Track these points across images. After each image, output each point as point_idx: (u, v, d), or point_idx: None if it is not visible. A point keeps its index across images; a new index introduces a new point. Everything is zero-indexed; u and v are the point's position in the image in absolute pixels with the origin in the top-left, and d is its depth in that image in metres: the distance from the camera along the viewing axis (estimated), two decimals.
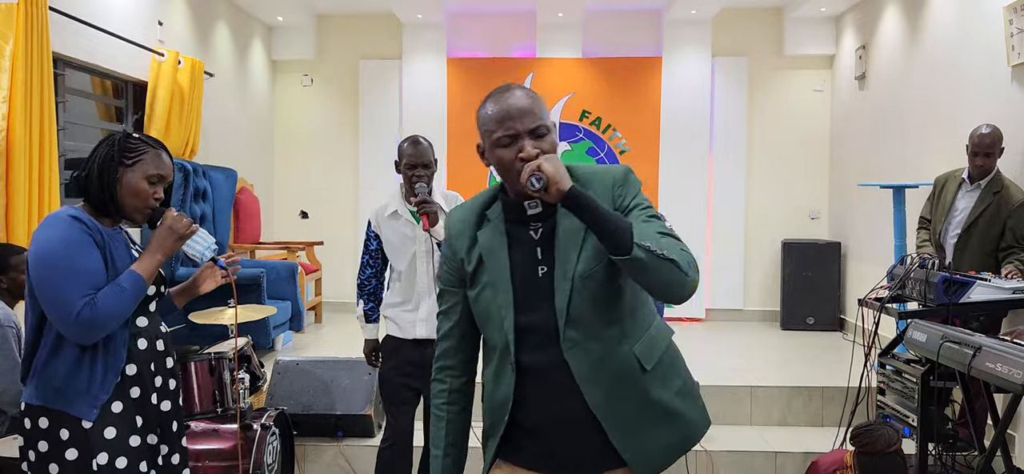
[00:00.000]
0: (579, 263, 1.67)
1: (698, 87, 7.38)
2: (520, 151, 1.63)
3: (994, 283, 3.55)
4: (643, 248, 1.55)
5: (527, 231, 1.73)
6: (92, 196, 2.11)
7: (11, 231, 3.87)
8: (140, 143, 2.14)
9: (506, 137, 1.65)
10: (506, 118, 1.65)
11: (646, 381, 1.73)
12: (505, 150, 1.66)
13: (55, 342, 2.05)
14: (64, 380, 2.04)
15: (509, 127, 1.64)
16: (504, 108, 1.65)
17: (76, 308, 1.97)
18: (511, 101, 1.66)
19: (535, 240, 1.72)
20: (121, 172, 2.10)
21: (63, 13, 4.42)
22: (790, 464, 4.34)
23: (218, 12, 6.66)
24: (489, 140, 1.69)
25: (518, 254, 1.73)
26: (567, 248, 1.69)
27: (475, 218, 1.78)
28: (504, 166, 1.67)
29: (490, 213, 1.77)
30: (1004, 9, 4.43)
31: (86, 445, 2.05)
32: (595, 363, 1.69)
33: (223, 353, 3.40)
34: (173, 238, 2.17)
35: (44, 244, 2.01)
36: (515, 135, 1.64)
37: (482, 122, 1.70)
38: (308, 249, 7.20)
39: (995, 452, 3.18)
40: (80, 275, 2.00)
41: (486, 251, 1.74)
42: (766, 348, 6.30)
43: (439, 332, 1.88)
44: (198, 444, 3.30)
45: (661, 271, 1.57)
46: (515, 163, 1.64)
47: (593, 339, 1.69)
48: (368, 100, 7.71)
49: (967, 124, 4.37)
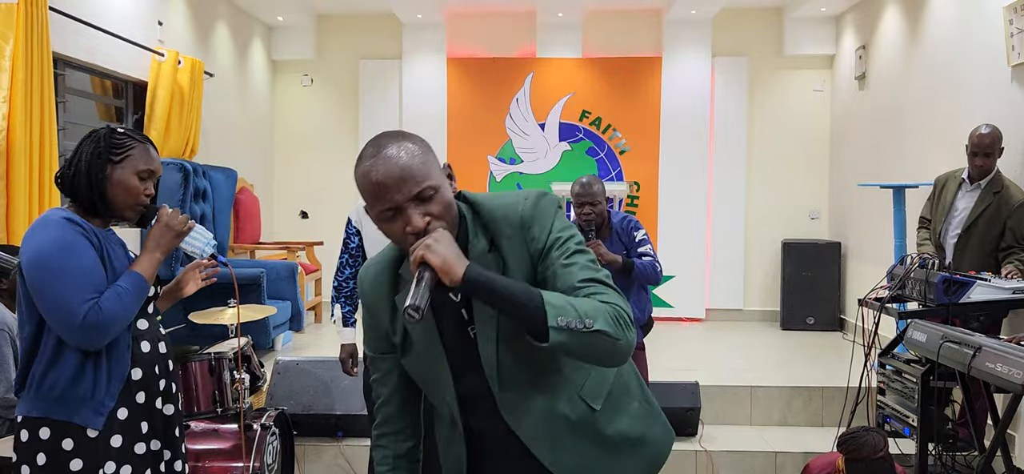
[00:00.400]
0: (501, 323, 1.48)
1: (698, 87, 7.38)
2: (407, 224, 1.41)
3: (994, 283, 3.54)
4: (561, 329, 1.34)
5: (447, 293, 1.50)
6: (81, 196, 2.03)
7: (11, 231, 3.87)
8: (127, 138, 2.06)
9: (388, 211, 1.41)
10: (381, 192, 1.39)
11: (598, 419, 1.57)
12: (391, 224, 1.43)
13: (55, 349, 1.97)
14: (66, 388, 1.96)
15: (388, 200, 1.40)
16: (377, 179, 1.39)
17: (81, 312, 1.90)
18: (384, 168, 1.39)
19: (457, 302, 1.53)
20: (110, 169, 2.02)
21: (63, 13, 4.42)
22: (790, 464, 4.34)
23: (218, 12, 6.66)
24: (372, 214, 1.44)
25: (444, 318, 1.54)
26: (484, 309, 1.48)
27: (389, 281, 1.56)
28: (395, 240, 1.47)
29: (404, 272, 1.54)
30: (1004, 9, 4.42)
31: (92, 455, 1.97)
32: (539, 420, 1.54)
33: (223, 353, 3.40)
34: (171, 235, 2.11)
35: (39, 247, 1.93)
36: (396, 208, 1.40)
37: (361, 188, 1.44)
38: (308, 249, 7.20)
39: (995, 452, 3.18)
40: (80, 277, 1.93)
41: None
42: (766, 348, 6.30)
43: (376, 400, 1.69)
44: (198, 444, 3.29)
45: (589, 346, 1.37)
46: (406, 238, 1.41)
47: (532, 396, 1.53)
48: (368, 100, 7.71)
49: (967, 124, 4.38)
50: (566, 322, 1.34)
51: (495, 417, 1.55)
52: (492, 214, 1.50)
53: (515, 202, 1.50)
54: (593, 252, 3.61)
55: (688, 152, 7.39)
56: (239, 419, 3.34)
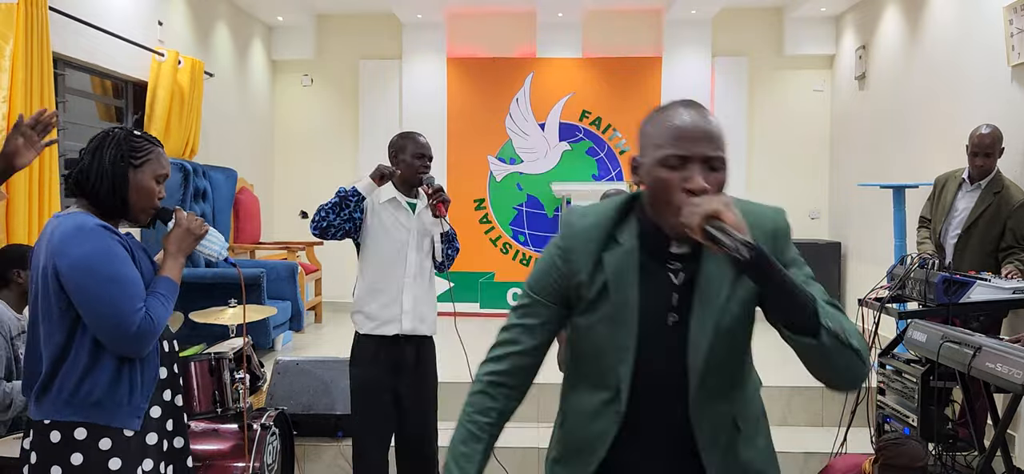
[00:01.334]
0: (725, 316, 1.44)
1: (698, 87, 7.38)
2: (687, 181, 1.37)
3: (994, 283, 3.54)
4: (829, 332, 1.31)
5: (665, 271, 1.46)
6: (102, 198, 2.02)
7: (11, 231, 3.87)
8: (144, 141, 2.08)
9: (675, 158, 1.37)
10: (682, 137, 1.38)
11: (740, 441, 1.53)
12: (669, 172, 1.38)
13: (91, 357, 1.96)
14: (105, 393, 1.96)
15: (683, 147, 1.37)
16: (682, 123, 1.39)
17: (135, 321, 1.92)
18: (692, 118, 1.40)
19: (673, 284, 1.46)
20: (131, 173, 2.03)
21: (63, 13, 4.42)
22: (790, 464, 4.33)
23: (218, 12, 6.66)
24: (653, 154, 1.40)
25: (649, 294, 1.46)
26: (710, 297, 1.44)
27: (602, 235, 1.49)
28: (664, 190, 1.39)
29: (621, 236, 1.48)
30: (1004, 9, 4.42)
31: (131, 453, 1.99)
32: (717, 426, 1.50)
33: (223, 353, 3.40)
34: (191, 239, 2.14)
35: (87, 255, 1.92)
36: (686, 158, 1.37)
37: (649, 132, 1.43)
38: (308, 249, 7.20)
39: (995, 452, 3.18)
40: (130, 286, 1.95)
41: (614, 280, 1.47)
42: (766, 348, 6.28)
43: (512, 344, 1.55)
44: (198, 444, 3.29)
45: (841, 359, 1.34)
46: (677, 192, 1.37)
47: (721, 401, 1.49)
48: (368, 100, 7.71)
49: (967, 124, 4.37)
50: (832, 326, 1.33)
51: (664, 410, 1.49)
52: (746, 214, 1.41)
53: (771, 212, 1.50)
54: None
55: None
56: (239, 419, 3.34)
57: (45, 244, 1.98)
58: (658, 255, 1.47)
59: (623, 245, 1.48)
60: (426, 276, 3.24)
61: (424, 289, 3.22)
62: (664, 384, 1.48)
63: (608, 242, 1.49)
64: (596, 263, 1.48)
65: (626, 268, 1.47)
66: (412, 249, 3.18)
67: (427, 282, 3.24)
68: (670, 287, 1.47)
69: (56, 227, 1.98)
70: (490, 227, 7.55)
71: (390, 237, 3.18)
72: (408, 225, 3.19)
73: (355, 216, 3.17)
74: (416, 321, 3.17)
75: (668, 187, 1.38)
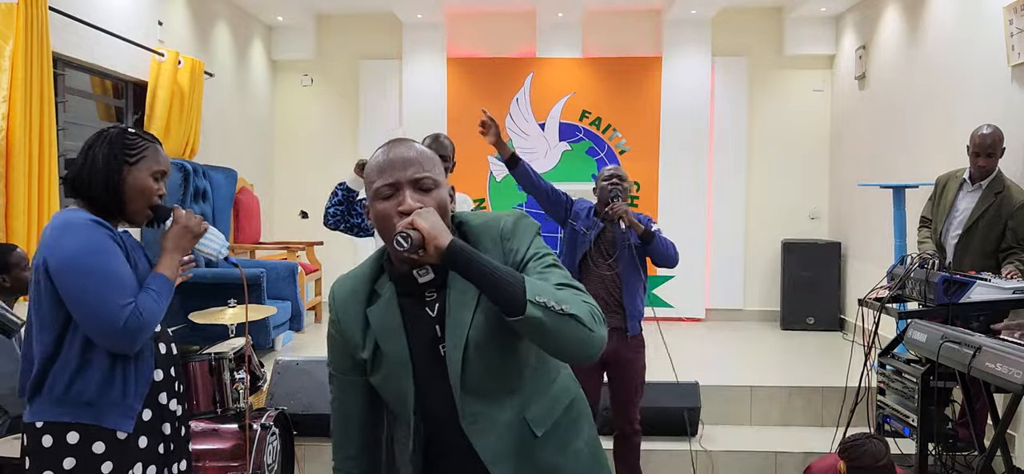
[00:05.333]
0: (471, 328, 1.50)
1: (698, 87, 7.38)
2: (400, 204, 1.47)
3: (994, 283, 3.54)
4: (538, 305, 1.37)
5: (422, 307, 1.55)
6: (96, 197, 2.01)
7: (11, 231, 3.87)
8: (138, 139, 2.06)
9: (386, 187, 1.48)
10: (388, 168, 1.49)
11: (537, 447, 1.57)
12: (385, 202, 1.48)
13: (82, 355, 1.94)
14: (97, 393, 1.94)
15: (391, 176, 1.48)
16: (389, 158, 1.50)
17: (122, 317, 1.90)
18: (398, 151, 1.51)
19: (432, 317, 1.55)
20: (126, 171, 2.01)
21: (63, 13, 4.42)
22: (790, 464, 4.34)
23: (218, 12, 6.66)
24: (371, 192, 1.52)
25: (416, 334, 1.55)
26: (459, 314, 1.51)
27: (363, 294, 1.59)
28: (383, 221, 1.49)
29: (379, 287, 1.58)
30: (1004, 9, 4.42)
31: (123, 457, 1.97)
32: (500, 437, 1.54)
33: (223, 353, 3.40)
34: (189, 237, 2.11)
35: (74, 251, 1.91)
36: (395, 184, 1.48)
37: (366, 176, 1.54)
38: (308, 249, 7.20)
39: (995, 452, 3.18)
40: (118, 281, 1.92)
41: (381, 335, 1.56)
42: (766, 348, 6.30)
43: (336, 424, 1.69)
44: (198, 444, 3.29)
45: (563, 330, 1.39)
46: (393, 218, 1.47)
47: (496, 410, 1.54)
48: (368, 100, 7.71)
49: (967, 124, 4.37)
50: (544, 300, 1.38)
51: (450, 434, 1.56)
52: (475, 228, 1.56)
53: (497, 219, 1.57)
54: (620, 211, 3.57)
55: (688, 152, 7.38)
56: (239, 419, 3.34)
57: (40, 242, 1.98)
58: (412, 293, 1.55)
59: (383, 296, 1.56)
60: None
61: None
62: (446, 413, 1.55)
63: (371, 298, 1.58)
64: (364, 323, 1.58)
65: (389, 318, 1.55)
66: None
67: None
68: (431, 321, 1.55)
69: (48, 224, 1.98)
70: None
71: None
72: None
73: (360, 212, 3.21)
74: None
75: (385, 216, 1.48)
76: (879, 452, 3.07)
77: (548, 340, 1.42)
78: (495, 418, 1.54)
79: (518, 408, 1.56)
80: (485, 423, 1.54)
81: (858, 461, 3.07)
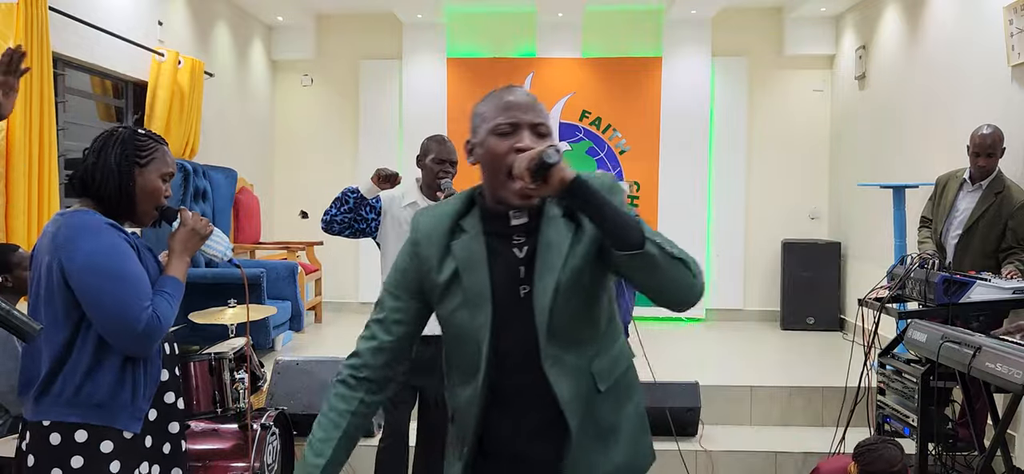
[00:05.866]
0: (564, 272, 1.56)
1: (698, 87, 7.38)
2: (518, 141, 1.52)
3: (994, 283, 3.54)
4: (654, 243, 1.45)
5: (510, 247, 1.59)
6: (108, 197, 2.01)
7: (11, 231, 3.87)
8: (148, 140, 2.07)
9: (507, 125, 1.54)
10: (511, 107, 1.55)
11: (599, 402, 1.62)
12: (501, 139, 1.54)
13: (94, 357, 1.94)
14: (108, 394, 1.94)
15: (512, 115, 1.54)
16: (510, 98, 1.56)
17: (142, 319, 1.91)
18: (518, 94, 1.58)
19: (519, 258, 1.59)
20: (137, 172, 2.02)
21: (63, 13, 4.42)
22: (790, 464, 4.34)
23: (218, 12, 6.66)
24: (485, 128, 1.56)
25: (499, 271, 1.59)
26: (551, 258, 1.56)
27: (448, 226, 1.62)
28: (496, 158, 1.54)
29: (466, 223, 1.62)
30: (1004, 9, 4.42)
31: (130, 456, 1.98)
32: (575, 381, 1.59)
33: (223, 353, 3.40)
34: (196, 239, 2.14)
35: (93, 254, 1.91)
36: (516, 124, 1.54)
37: (480, 112, 1.59)
38: (308, 249, 7.20)
39: (995, 452, 3.18)
40: (137, 284, 1.94)
41: (464, 265, 1.59)
42: (766, 348, 6.30)
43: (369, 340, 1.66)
44: (198, 444, 3.29)
45: (671, 270, 1.48)
46: (508, 155, 1.52)
47: (571, 354, 1.59)
48: (368, 100, 7.71)
49: (967, 124, 4.37)
50: (658, 241, 1.46)
51: (524, 376, 1.58)
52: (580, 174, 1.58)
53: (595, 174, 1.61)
54: None
55: (688, 152, 7.38)
56: (239, 419, 3.34)
57: (48, 242, 1.96)
58: (501, 233, 1.60)
59: (468, 232, 1.61)
60: None
61: None
62: (522, 353, 1.57)
63: (455, 232, 1.62)
64: (444, 251, 1.61)
65: (474, 252, 1.59)
66: None
67: None
68: (516, 262, 1.59)
69: (61, 225, 1.97)
70: None
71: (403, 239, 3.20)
72: None
73: (367, 216, 3.21)
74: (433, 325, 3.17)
75: (500, 154, 1.53)
76: (895, 457, 3.05)
77: (658, 278, 1.49)
78: (569, 363, 1.59)
79: (588, 359, 1.61)
80: (562, 366, 1.58)
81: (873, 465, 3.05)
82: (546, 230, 1.58)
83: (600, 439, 1.63)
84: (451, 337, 1.65)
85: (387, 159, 7.35)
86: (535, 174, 1.45)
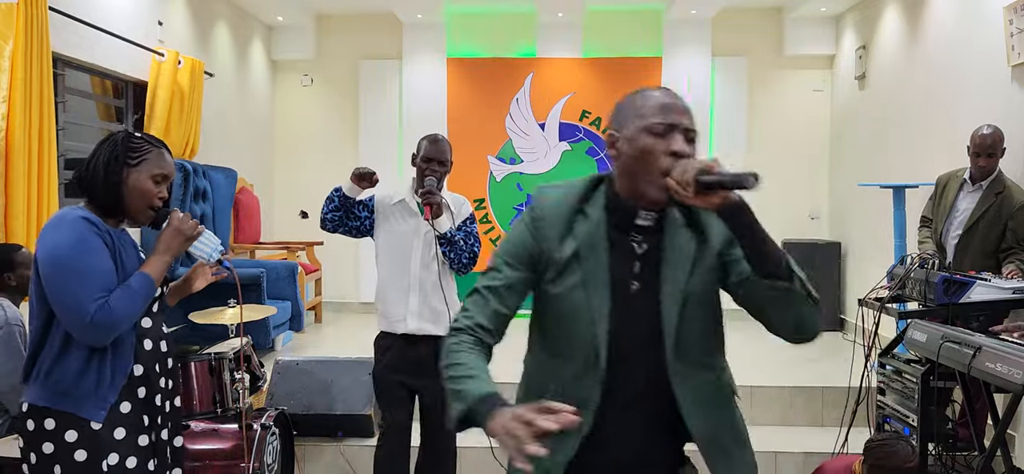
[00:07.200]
0: (691, 283, 1.57)
1: (698, 87, 7.38)
2: (673, 144, 1.51)
3: (994, 283, 3.54)
4: (797, 276, 1.46)
5: (628, 240, 1.59)
6: (97, 197, 2.09)
7: (10, 231, 3.87)
8: (143, 142, 2.13)
9: (663, 125, 1.52)
10: (670, 109, 1.53)
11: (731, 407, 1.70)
12: (656, 139, 1.51)
13: (63, 343, 2.03)
14: (73, 382, 2.02)
15: (670, 117, 1.52)
16: (669, 100, 1.55)
17: (90, 310, 1.96)
18: (675, 98, 1.56)
19: (636, 253, 1.58)
20: (126, 172, 2.08)
21: (63, 13, 4.42)
22: (790, 464, 4.33)
23: (218, 12, 6.66)
24: (639, 124, 1.53)
25: (616, 262, 1.58)
26: (677, 266, 1.56)
27: (572, 206, 1.61)
28: (646, 155, 1.51)
29: (589, 208, 1.61)
30: (1004, 9, 4.42)
31: (95, 446, 2.03)
32: (699, 391, 1.60)
33: (223, 353, 3.40)
34: (181, 239, 2.17)
35: (54, 245, 1.99)
36: (673, 126, 1.52)
37: (636, 107, 1.55)
38: (308, 249, 7.20)
39: (995, 452, 3.18)
40: (92, 277, 1.99)
41: (584, 246, 1.58)
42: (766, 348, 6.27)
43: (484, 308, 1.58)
44: (198, 444, 3.29)
45: (805, 306, 1.49)
46: (662, 155, 1.50)
47: (697, 366, 1.61)
48: (368, 100, 7.71)
49: (967, 124, 4.37)
50: (798, 273, 1.47)
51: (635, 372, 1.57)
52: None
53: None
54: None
55: None
56: (239, 419, 3.34)
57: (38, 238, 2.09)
58: (623, 227, 1.59)
59: (591, 217, 1.60)
60: (434, 278, 3.19)
61: (432, 291, 3.18)
62: (635, 348, 1.57)
63: (578, 214, 1.61)
64: (565, 231, 1.59)
65: (595, 236, 1.58)
66: (417, 250, 3.18)
67: (436, 284, 3.19)
68: (633, 256, 1.59)
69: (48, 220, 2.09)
70: (490, 227, 7.55)
71: (396, 238, 3.21)
72: (416, 228, 3.19)
73: (360, 214, 3.22)
74: (422, 322, 3.17)
75: (653, 153, 1.51)
76: (906, 455, 3.03)
77: (791, 309, 1.50)
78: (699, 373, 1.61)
79: (716, 369, 1.66)
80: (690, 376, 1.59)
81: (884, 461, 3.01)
82: (671, 235, 1.58)
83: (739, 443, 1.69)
84: (564, 315, 1.59)
85: (387, 159, 7.36)
86: (704, 186, 1.42)
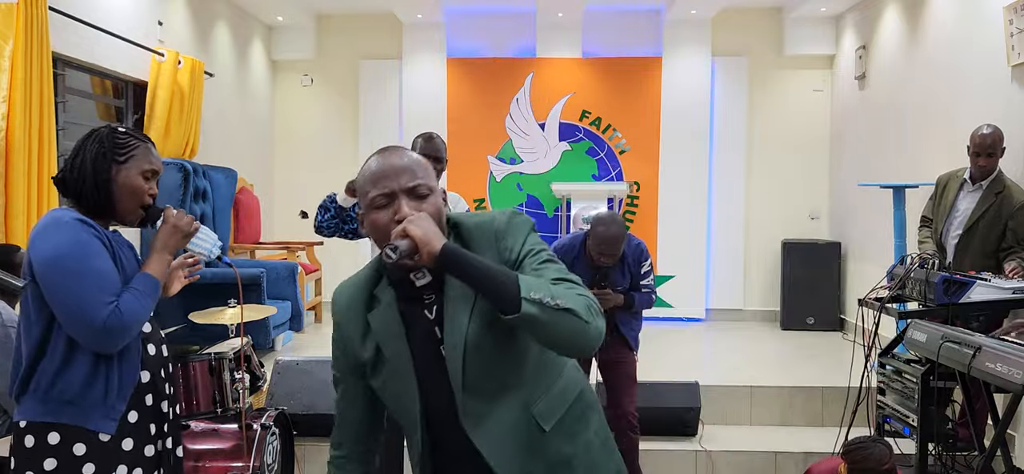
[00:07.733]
0: (469, 328, 1.51)
1: (698, 87, 7.38)
2: (396, 213, 1.47)
3: (994, 283, 3.54)
4: (533, 301, 1.38)
5: (421, 311, 1.56)
6: (86, 197, 1.98)
7: (10, 231, 3.87)
8: (129, 138, 2.03)
9: (381, 197, 1.49)
10: (381, 177, 1.49)
11: (546, 441, 1.58)
12: (380, 212, 1.49)
13: (66, 353, 1.92)
14: (79, 392, 1.91)
15: (384, 186, 1.49)
16: (379, 168, 1.50)
17: (102, 315, 1.87)
18: (389, 160, 1.51)
19: (431, 319, 1.56)
20: (115, 170, 1.98)
21: (63, 13, 4.42)
22: (790, 464, 4.34)
23: (218, 12, 6.66)
24: (365, 203, 1.52)
25: (416, 337, 1.56)
26: (456, 314, 1.52)
27: (363, 299, 1.60)
28: (379, 231, 1.50)
29: (379, 292, 1.59)
30: (1004, 9, 4.42)
31: (105, 459, 1.93)
32: (504, 436, 1.55)
33: (223, 353, 3.40)
34: (178, 236, 2.08)
35: (56, 248, 1.88)
36: (391, 194, 1.49)
37: (361, 184, 1.54)
38: (308, 249, 7.20)
39: (995, 452, 3.18)
40: (100, 280, 1.89)
41: (382, 338, 1.57)
42: (766, 348, 6.29)
43: (336, 422, 1.71)
44: (198, 444, 3.29)
45: (559, 324, 1.40)
46: (390, 227, 1.47)
47: (493, 407, 1.54)
48: (368, 100, 7.70)
49: (967, 124, 4.37)
50: (538, 296, 1.39)
51: (456, 435, 1.56)
52: (469, 230, 1.57)
53: (491, 218, 1.58)
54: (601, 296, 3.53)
55: (688, 152, 7.38)
56: (239, 419, 3.34)
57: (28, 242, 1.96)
58: (411, 297, 1.56)
59: (382, 300, 1.58)
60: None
61: None
62: (450, 413, 1.55)
63: (371, 303, 1.60)
64: (364, 328, 1.59)
65: (390, 322, 1.57)
66: None
67: None
68: (429, 324, 1.56)
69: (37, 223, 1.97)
70: None
71: None
72: None
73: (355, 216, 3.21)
74: None
75: (381, 225, 1.49)
76: (883, 455, 3.05)
77: (545, 335, 1.43)
78: (500, 417, 1.55)
79: (523, 404, 1.57)
80: (489, 422, 1.55)
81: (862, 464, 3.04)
82: (449, 288, 1.53)
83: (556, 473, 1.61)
84: (388, 402, 1.65)
85: None
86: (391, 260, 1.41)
